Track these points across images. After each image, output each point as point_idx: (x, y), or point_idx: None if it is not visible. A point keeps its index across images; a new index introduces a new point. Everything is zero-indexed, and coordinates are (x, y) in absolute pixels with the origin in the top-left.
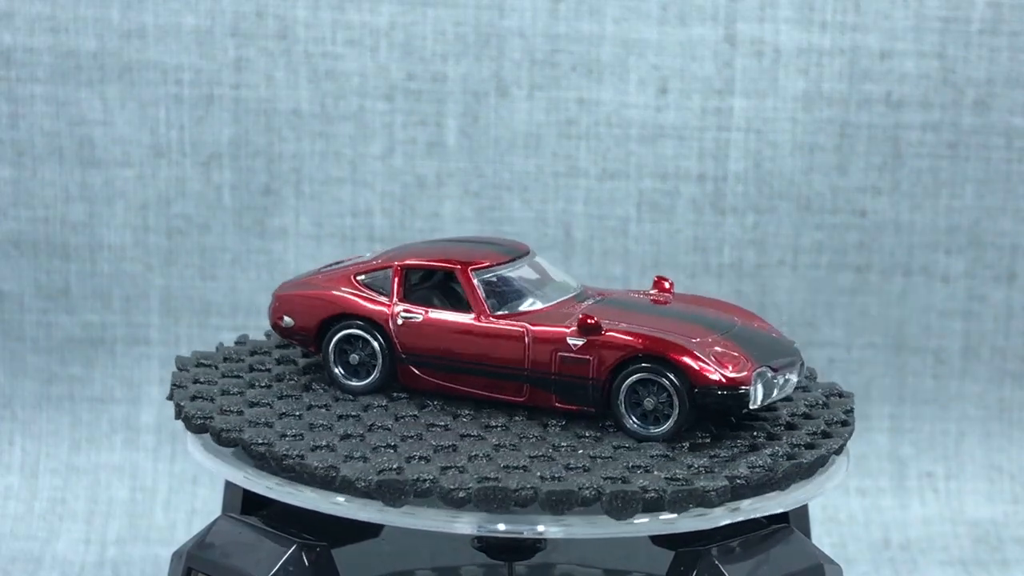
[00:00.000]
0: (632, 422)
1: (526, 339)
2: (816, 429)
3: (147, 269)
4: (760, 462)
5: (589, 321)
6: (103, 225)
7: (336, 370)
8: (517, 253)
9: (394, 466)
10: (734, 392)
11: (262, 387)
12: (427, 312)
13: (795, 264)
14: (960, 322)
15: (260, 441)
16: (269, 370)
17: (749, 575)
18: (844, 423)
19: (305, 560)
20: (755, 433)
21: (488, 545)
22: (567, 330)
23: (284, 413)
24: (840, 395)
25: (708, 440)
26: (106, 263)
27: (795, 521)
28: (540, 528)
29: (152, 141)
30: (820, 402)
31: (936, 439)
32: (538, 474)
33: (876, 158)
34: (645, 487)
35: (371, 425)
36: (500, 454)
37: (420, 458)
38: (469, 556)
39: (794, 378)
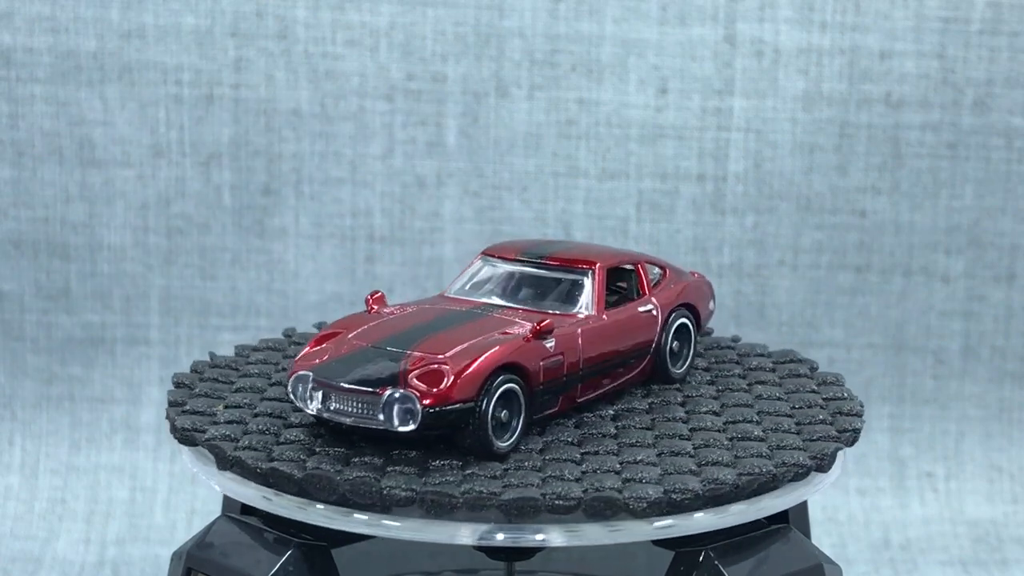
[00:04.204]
0: None
1: None
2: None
3: (147, 269)
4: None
5: (368, 298)
6: (103, 225)
7: None
8: (541, 256)
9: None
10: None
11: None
12: None
13: (795, 264)
14: (960, 322)
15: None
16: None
17: (749, 575)
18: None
19: (305, 560)
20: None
21: (488, 546)
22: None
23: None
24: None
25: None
26: (106, 263)
27: (795, 521)
28: (539, 536)
29: (152, 141)
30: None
31: (936, 439)
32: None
33: (876, 158)
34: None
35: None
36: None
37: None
38: (468, 556)
39: (347, 407)
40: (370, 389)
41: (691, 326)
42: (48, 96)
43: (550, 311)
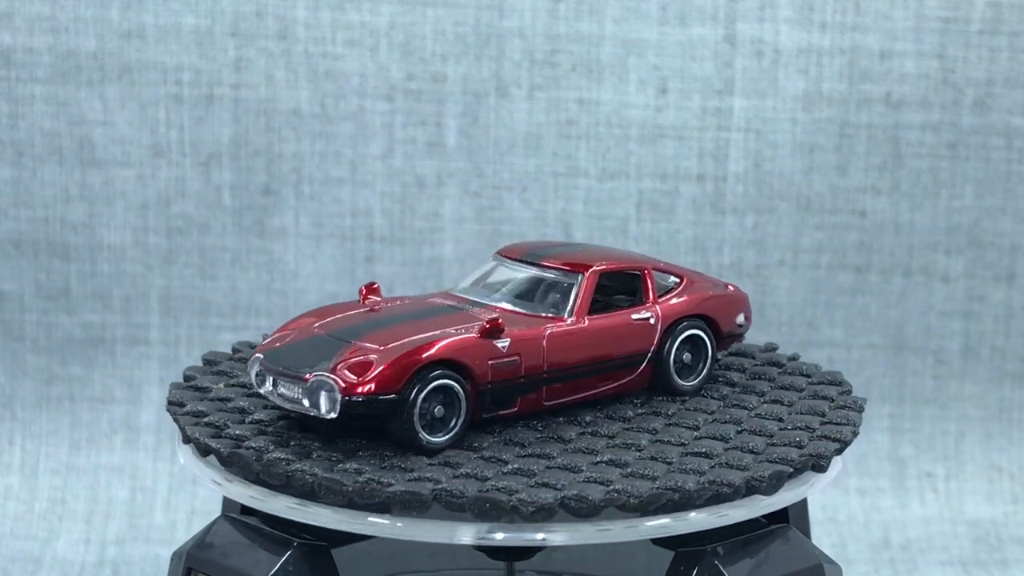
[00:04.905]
0: None
1: None
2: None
3: (147, 269)
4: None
5: (362, 289)
6: (103, 225)
7: None
8: (540, 258)
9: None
10: None
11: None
12: None
13: (795, 264)
14: (960, 322)
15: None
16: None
17: (749, 575)
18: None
19: (305, 560)
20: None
21: (488, 546)
22: None
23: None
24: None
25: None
26: (106, 263)
27: (795, 521)
28: (540, 536)
29: (152, 141)
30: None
31: (936, 439)
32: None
33: (876, 158)
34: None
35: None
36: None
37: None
38: (468, 556)
39: (288, 391)
40: (299, 375)
41: (707, 339)
42: (48, 96)
43: (538, 313)
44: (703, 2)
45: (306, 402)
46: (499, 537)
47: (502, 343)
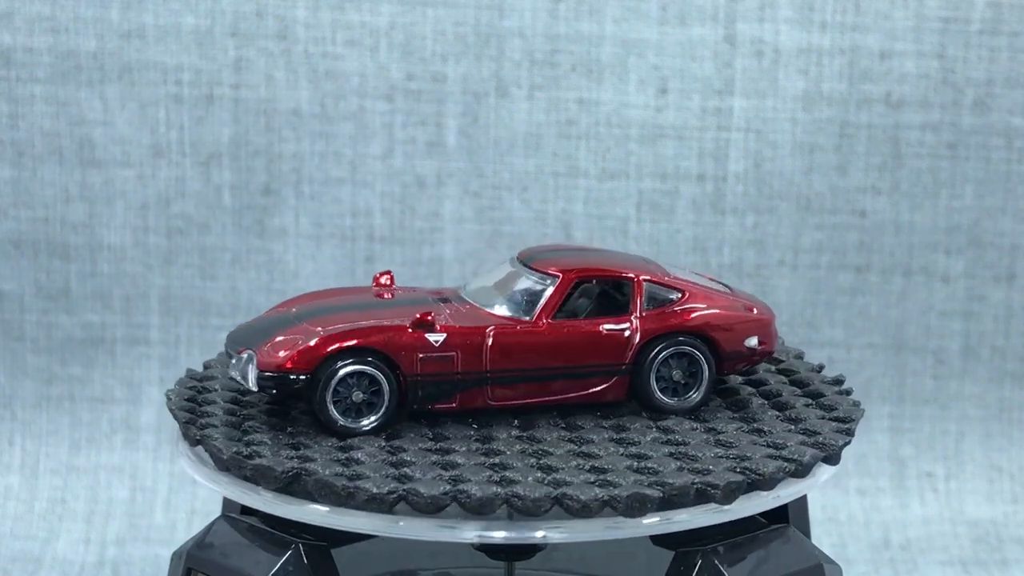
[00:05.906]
0: None
1: None
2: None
3: (147, 269)
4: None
5: (376, 276)
6: (103, 225)
7: None
8: (529, 261)
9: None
10: None
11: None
12: None
13: (795, 264)
14: (960, 322)
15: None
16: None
17: (749, 575)
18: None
19: (305, 560)
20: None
21: (488, 545)
22: None
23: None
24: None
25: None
26: (106, 263)
27: (795, 521)
28: (539, 534)
29: (152, 141)
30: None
31: (936, 439)
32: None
33: (876, 158)
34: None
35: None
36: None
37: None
38: (468, 556)
39: (235, 364)
40: (236, 348)
41: (702, 359)
42: (48, 96)
43: (514, 315)
44: (703, 2)
45: (237, 374)
46: (499, 536)
47: (435, 338)
